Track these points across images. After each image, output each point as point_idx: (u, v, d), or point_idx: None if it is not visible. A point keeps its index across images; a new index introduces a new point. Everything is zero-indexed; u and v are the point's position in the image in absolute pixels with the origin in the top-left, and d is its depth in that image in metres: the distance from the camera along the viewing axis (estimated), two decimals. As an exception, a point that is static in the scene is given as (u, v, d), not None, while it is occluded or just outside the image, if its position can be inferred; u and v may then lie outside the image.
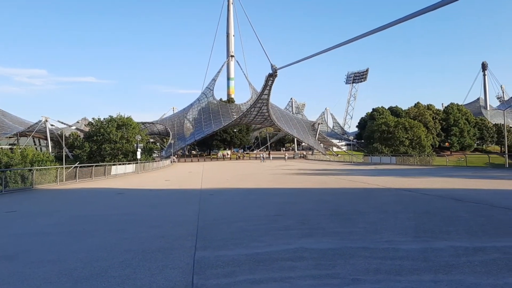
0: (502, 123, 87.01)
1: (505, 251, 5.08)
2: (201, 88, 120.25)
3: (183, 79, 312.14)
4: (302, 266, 4.69)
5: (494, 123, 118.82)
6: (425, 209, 9.34)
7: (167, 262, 5.13)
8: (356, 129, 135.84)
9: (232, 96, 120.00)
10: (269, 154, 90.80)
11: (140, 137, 47.21)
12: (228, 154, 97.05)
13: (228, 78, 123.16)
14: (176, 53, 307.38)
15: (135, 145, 44.56)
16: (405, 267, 4.51)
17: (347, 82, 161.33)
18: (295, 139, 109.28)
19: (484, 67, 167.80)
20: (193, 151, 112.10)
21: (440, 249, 5.27)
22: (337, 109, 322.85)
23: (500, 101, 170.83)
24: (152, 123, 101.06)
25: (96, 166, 28.67)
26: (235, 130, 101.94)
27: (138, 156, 39.54)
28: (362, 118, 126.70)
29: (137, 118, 67.09)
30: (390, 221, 7.66)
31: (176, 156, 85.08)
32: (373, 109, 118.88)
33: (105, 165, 31.19)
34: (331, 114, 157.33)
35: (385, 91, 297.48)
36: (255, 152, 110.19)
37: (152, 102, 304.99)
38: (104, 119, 55.39)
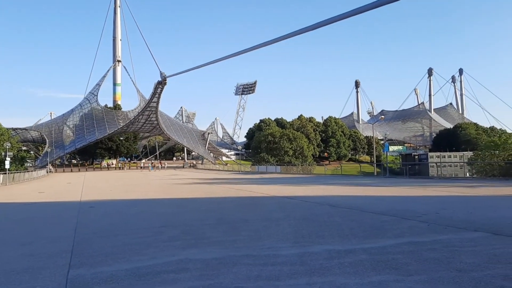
0: (372, 135, 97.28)
1: (371, 252, 5.60)
2: (84, 93, 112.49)
3: (63, 82, 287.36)
4: (185, 278, 4.61)
5: (365, 135, 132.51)
6: (305, 215, 9.94)
7: (35, 283, 4.62)
8: (245, 139, 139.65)
9: (119, 102, 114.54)
10: (160, 163, 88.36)
11: (9, 144, 42.24)
12: (113, 164, 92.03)
13: (115, 84, 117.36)
14: (56, 54, 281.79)
15: (3, 153, 39.88)
16: (284, 272, 4.71)
17: (236, 93, 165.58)
18: (185, 148, 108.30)
19: (357, 84, 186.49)
20: (73, 160, 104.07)
21: (316, 253, 5.63)
22: (227, 119, 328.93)
23: (370, 116, 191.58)
24: (25, 129, 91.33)
25: (-49, 177, 24.88)
26: (121, 138, 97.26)
27: (7, 166, 35.43)
28: (250, 128, 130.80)
29: (6, 123, 60.29)
30: (273, 228, 7.98)
31: (53, 165, 78.03)
32: (261, 120, 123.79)
33: (-36, 176, 27.26)
34: (221, 124, 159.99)
35: (272, 103, 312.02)
36: (143, 161, 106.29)
37: (27, 106, 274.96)
38: (-36, 124, 48.59)
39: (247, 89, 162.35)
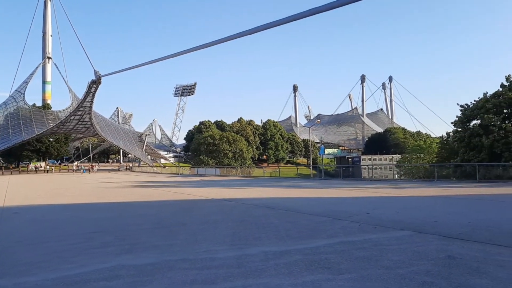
0: (309, 138, 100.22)
1: (306, 253, 5.76)
2: (9, 91, 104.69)
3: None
4: (117, 285, 4.45)
5: (302, 138, 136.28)
6: (242, 217, 9.98)
7: None
8: (184, 141, 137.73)
9: (49, 101, 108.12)
10: (91, 166, 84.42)
11: None
12: (42, 166, 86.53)
13: (44, 82, 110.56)
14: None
15: None
16: (220, 275, 4.70)
17: (175, 95, 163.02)
18: (121, 150, 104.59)
19: (295, 89, 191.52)
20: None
21: (253, 255, 5.68)
22: (166, 121, 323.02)
23: (307, 119, 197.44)
24: None
25: None
26: (51, 139, 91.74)
27: None
28: (189, 130, 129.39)
29: None
30: (210, 231, 7.94)
31: (-28, 168, 71.79)
32: (200, 122, 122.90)
33: None
34: (159, 126, 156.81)
35: (212, 106, 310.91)
36: (75, 163, 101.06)
37: None
38: None
39: (186, 90, 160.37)
